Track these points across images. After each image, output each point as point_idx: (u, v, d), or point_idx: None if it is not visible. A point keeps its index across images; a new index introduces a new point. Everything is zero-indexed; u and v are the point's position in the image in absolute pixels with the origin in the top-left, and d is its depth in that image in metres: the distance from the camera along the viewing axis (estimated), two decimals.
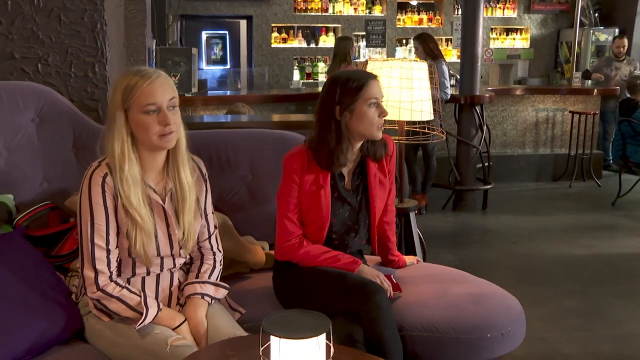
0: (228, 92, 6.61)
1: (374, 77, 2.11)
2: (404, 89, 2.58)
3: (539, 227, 5.41)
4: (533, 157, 7.23)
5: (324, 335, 1.19)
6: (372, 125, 2.06)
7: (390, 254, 2.36)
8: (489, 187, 5.91)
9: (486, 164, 6.01)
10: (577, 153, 6.97)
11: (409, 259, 2.45)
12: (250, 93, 6.71)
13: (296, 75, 8.35)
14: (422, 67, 2.65)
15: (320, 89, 7.45)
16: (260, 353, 1.21)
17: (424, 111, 2.63)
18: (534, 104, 7.18)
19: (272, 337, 1.18)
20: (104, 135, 1.80)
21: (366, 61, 7.41)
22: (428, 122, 2.74)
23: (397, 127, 2.78)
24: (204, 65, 8.34)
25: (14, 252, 1.91)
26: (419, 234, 2.98)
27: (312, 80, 8.25)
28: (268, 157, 2.52)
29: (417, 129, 2.89)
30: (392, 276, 2.18)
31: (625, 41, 7.44)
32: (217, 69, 8.61)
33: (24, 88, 2.25)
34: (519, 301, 2.21)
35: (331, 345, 1.21)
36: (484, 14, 8.63)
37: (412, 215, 2.84)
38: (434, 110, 2.75)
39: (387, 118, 2.62)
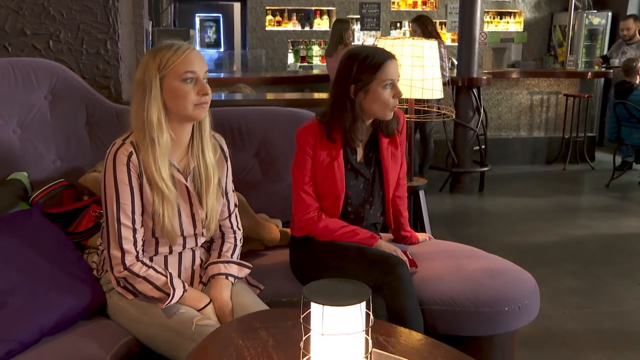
0: (222, 75, 6.57)
1: (391, 56, 2.09)
2: (415, 67, 2.59)
3: (536, 208, 5.46)
4: (527, 140, 7.28)
5: (364, 304, 1.20)
6: (387, 107, 2.07)
7: (402, 229, 2.38)
8: (485, 169, 5.95)
9: (483, 146, 6.04)
10: (571, 136, 7.03)
11: (421, 235, 2.47)
12: (245, 75, 6.68)
13: (291, 59, 8.30)
14: (433, 45, 2.66)
15: (315, 71, 7.42)
16: (301, 320, 1.22)
17: (435, 89, 2.64)
18: (529, 87, 7.21)
19: (313, 304, 1.19)
20: (133, 108, 1.77)
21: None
22: (437, 100, 2.74)
23: (406, 106, 2.79)
24: (197, 48, 8.26)
25: (35, 228, 1.90)
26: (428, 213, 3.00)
27: (306, 64, 8.21)
28: (280, 135, 2.52)
29: (425, 108, 2.90)
30: (407, 252, 2.20)
31: (631, 23, 6.86)
32: (211, 52, 8.55)
33: (37, 64, 2.23)
34: None
35: (370, 313, 1.22)
36: None
37: (421, 194, 2.86)
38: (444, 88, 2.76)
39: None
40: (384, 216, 2.26)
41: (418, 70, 2.59)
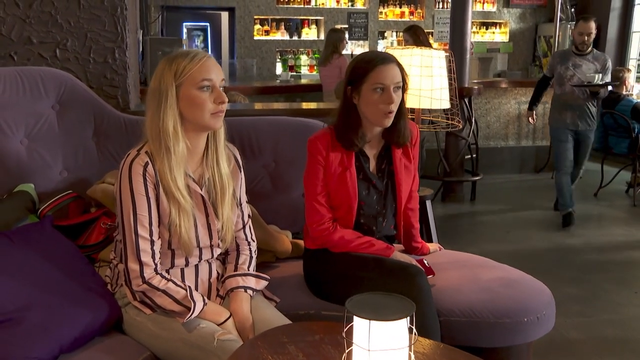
0: None
1: (388, 61, 2.02)
2: (424, 77, 2.59)
3: (528, 217, 5.50)
4: (516, 149, 7.34)
5: (407, 319, 1.18)
6: (377, 112, 2.00)
7: (414, 240, 2.36)
8: (477, 178, 5.97)
9: (474, 155, 6.07)
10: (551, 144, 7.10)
11: (432, 246, 2.46)
12: (234, 85, 6.65)
13: (279, 68, 8.30)
14: (441, 55, 2.66)
15: (303, 81, 7.42)
16: (344, 335, 1.20)
17: (443, 99, 2.64)
18: (517, 96, 7.28)
19: (358, 319, 1.17)
20: (147, 117, 1.74)
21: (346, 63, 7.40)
22: (445, 110, 2.74)
23: (413, 116, 2.79)
24: None
25: (48, 242, 1.85)
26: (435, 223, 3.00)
27: (295, 73, 8.20)
28: (290, 145, 2.50)
29: (431, 118, 2.90)
30: (424, 261, 2.18)
31: (592, 26, 4.89)
32: None
33: (45, 73, 2.18)
34: None
35: (414, 328, 1.20)
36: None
37: (428, 204, 2.85)
38: (452, 98, 2.76)
39: (410, 105, 2.63)
40: (396, 229, 2.25)
41: (427, 80, 2.59)
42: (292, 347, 1.51)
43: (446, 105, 2.69)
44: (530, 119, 5.68)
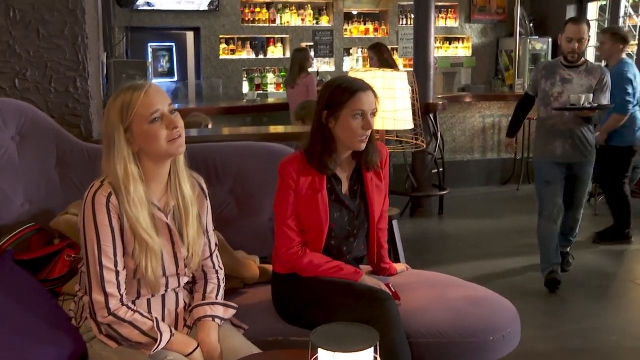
0: (177, 105, 6.49)
1: (367, 88, 2.10)
2: (386, 99, 2.63)
3: (495, 229, 5.58)
4: (482, 162, 7.46)
5: (372, 349, 1.19)
6: (354, 137, 2.07)
7: (383, 261, 2.38)
8: (444, 192, 6.05)
9: (441, 169, 6.16)
10: (523, 157, 7.23)
11: (399, 266, 2.48)
12: (200, 105, 6.63)
13: (245, 87, 8.30)
14: (403, 77, 2.71)
15: (270, 99, 7.44)
16: None
17: (406, 120, 2.68)
18: (481, 110, 7.41)
19: (321, 350, 1.17)
20: (103, 158, 1.74)
21: (318, 78, 7.46)
22: (410, 130, 2.79)
23: (378, 136, 2.82)
24: (151, 77, 8.16)
25: (9, 278, 1.82)
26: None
27: (261, 92, 8.22)
28: (255, 170, 2.51)
29: (396, 138, 2.94)
30: (390, 284, 2.20)
31: (584, 30, 3.79)
32: (165, 81, 8.46)
33: (5, 104, 2.15)
34: None
35: (378, 357, 1.21)
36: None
37: (395, 223, 2.88)
38: (415, 118, 2.81)
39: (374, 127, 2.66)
40: (367, 249, 2.26)
41: (390, 101, 2.63)
42: None
43: (410, 125, 2.74)
44: (509, 147, 4.43)
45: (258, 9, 8.38)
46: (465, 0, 9.14)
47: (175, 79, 8.63)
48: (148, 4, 7.78)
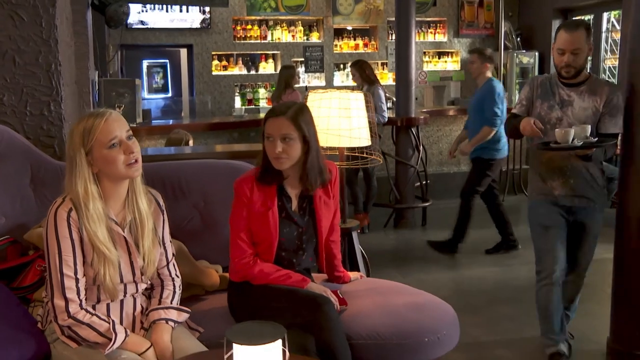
0: (171, 121, 6.71)
1: (277, 114, 2.26)
2: (342, 118, 2.81)
3: (475, 240, 5.71)
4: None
5: (279, 341, 1.37)
6: (270, 157, 2.24)
7: (336, 270, 2.56)
8: (427, 204, 6.22)
9: (424, 182, 6.33)
10: (508, 168, 7.39)
11: (353, 274, 2.66)
12: (193, 121, 6.83)
13: (238, 102, 8.51)
14: (359, 97, 2.89)
15: (261, 114, 7.64)
16: (225, 359, 1.38)
17: (362, 138, 2.86)
18: None
19: (234, 345, 1.35)
20: (65, 177, 1.93)
21: (307, 92, 7.67)
22: (367, 147, 2.97)
23: (337, 153, 3.01)
24: (145, 93, 8.39)
25: None
26: (362, 252, 3.20)
27: (253, 107, 8.43)
28: (218, 186, 2.69)
29: (357, 154, 3.12)
30: (338, 291, 2.38)
31: (580, 38, 2.89)
32: (159, 98, 8.69)
33: None
34: (459, 310, 2.45)
35: (286, 350, 1.39)
36: (416, 39, 9.11)
37: (354, 234, 3.06)
38: (372, 135, 2.99)
39: (329, 145, 2.85)
40: (317, 261, 2.44)
41: (345, 121, 2.82)
42: None
43: (365, 142, 2.92)
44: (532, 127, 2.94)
45: (249, 26, 8.61)
46: (454, 16, 9.35)
47: (170, 94, 8.86)
48: (142, 22, 8.02)
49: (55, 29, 2.50)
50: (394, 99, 6.84)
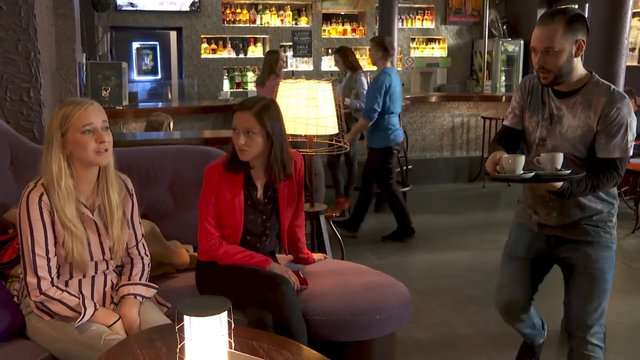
0: (160, 104, 6.81)
1: (243, 109, 2.38)
2: (310, 107, 2.95)
3: (453, 224, 5.91)
4: (450, 159, 7.78)
5: (225, 313, 1.52)
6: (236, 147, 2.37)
7: (300, 252, 2.72)
8: (407, 189, 6.37)
9: (404, 167, 6.48)
10: (483, 157, 7.55)
11: (317, 256, 2.82)
12: (181, 104, 6.94)
13: (226, 85, 8.62)
14: (326, 87, 3.03)
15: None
16: (176, 330, 1.53)
17: (328, 126, 3.01)
18: (450, 110, 7.73)
19: (185, 316, 1.50)
20: (42, 157, 2.07)
21: (292, 77, 7.77)
22: (336, 134, 3.11)
23: (307, 140, 3.15)
24: (134, 75, 8.50)
25: None
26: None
27: (241, 90, 8.55)
28: (190, 170, 2.84)
29: (327, 142, 3.27)
30: (300, 272, 2.54)
31: (556, 33, 2.18)
32: (149, 80, 8.79)
33: None
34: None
35: (232, 321, 1.54)
36: (404, 25, 9.22)
37: (321, 218, 3.21)
38: (340, 123, 3.13)
39: (298, 132, 3.00)
40: (280, 245, 2.59)
41: (313, 109, 2.95)
42: (159, 343, 1.84)
43: (333, 131, 3.06)
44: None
45: (238, 10, 8.69)
46: (441, 3, 9.45)
47: (159, 76, 8.96)
48: (131, 4, 8.09)
49: (34, 18, 2.62)
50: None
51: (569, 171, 2.18)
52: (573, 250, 2.41)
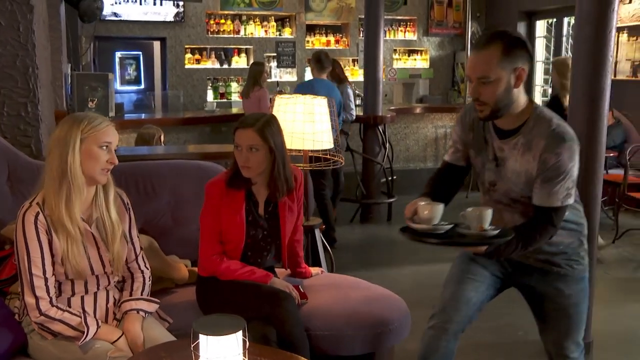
0: (143, 115, 6.78)
1: (244, 126, 2.41)
2: (306, 122, 2.99)
3: None
4: (434, 170, 7.73)
5: (240, 332, 1.54)
6: (239, 164, 2.40)
7: (298, 266, 2.75)
8: (392, 200, 6.43)
9: (389, 178, 6.54)
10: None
11: (314, 270, 2.84)
12: (166, 115, 6.92)
13: (210, 96, 8.61)
14: (322, 103, 3.07)
15: (233, 109, 7.71)
16: (192, 349, 1.55)
17: (324, 141, 3.05)
18: (433, 121, 7.82)
19: (200, 335, 1.52)
20: (49, 163, 2.06)
21: (277, 87, 7.79)
22: (330, 149, 3.15)
23: (302, 154, 3.19)
24: (118, 85, 8.43)
25: None
26: (327, 248, 3.39)
27: (225, 100, 8.55)
28: (188, 185, 2.85)
29: (321, 156, 3.30)
30: (299, 286, 2.56)
31: (491, 59, 1.94)
32: (132, 90, 8.74)
33: None
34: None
35: (247, 340, 1.56)
36: (387, 36, 9.31)
37: (316, 232, 3.25)
38: (335, 138, 3.17)
39: (294, 147, 3.03)
40: (279, 261, 2.61)
41: (309, 125, 2.99)
42: None
43: (328, 145, 3.10)
44: None
45: (222, 20, 8.70)
46: (424, 15, 9.56)
47: (142, 87, 8.91)
48: (115, 14, 8.06)
49: (33, 34, 2.62)
50: (362, 95, 7.03)
51: (497, 232, 1.94)
52: (542, 282, 2.20)
